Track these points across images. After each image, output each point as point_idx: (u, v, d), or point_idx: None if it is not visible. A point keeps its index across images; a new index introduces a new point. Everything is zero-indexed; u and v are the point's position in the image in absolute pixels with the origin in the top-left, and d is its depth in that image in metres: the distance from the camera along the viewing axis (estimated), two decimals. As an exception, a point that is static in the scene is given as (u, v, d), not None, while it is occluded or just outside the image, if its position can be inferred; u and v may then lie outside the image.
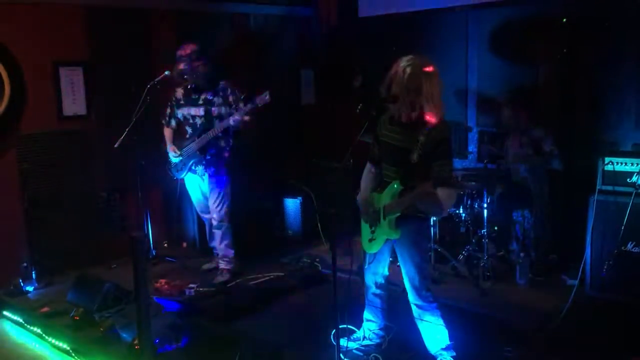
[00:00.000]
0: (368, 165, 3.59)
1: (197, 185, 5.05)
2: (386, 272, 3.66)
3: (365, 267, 3.67)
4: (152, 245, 5.53)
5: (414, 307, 3.48)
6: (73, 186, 5.30)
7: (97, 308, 4.06)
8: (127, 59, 5.49)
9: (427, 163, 3.19)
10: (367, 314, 3.79)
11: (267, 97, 4.56)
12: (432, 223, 4.94)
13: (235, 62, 6.09)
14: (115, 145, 4.90)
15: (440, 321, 3.45)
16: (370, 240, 3.50)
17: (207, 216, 5.15)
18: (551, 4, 5.19)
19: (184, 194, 5.35)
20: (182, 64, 4.74)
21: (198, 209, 5.24)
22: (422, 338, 3.53)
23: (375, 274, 3.64)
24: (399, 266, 3.52)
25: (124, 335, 3.72)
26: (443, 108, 3.25)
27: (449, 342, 3.47)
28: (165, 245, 5.90)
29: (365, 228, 3.54)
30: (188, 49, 4.76)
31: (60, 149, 5.22)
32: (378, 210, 3.40)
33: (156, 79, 4.94)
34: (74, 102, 5.27)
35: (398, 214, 3.30)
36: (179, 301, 4.41)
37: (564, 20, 4.91)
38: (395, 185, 3.31)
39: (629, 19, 4.83)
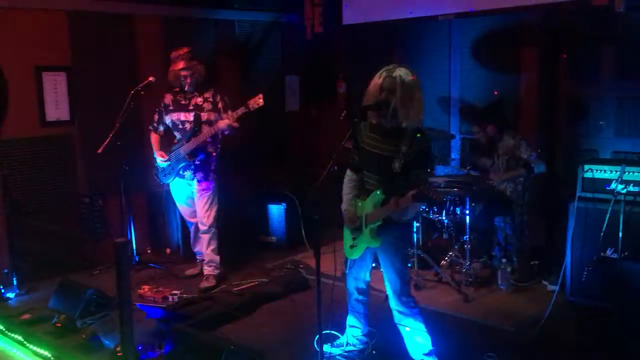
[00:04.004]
0: (348, 172, 3.61)
1: (183, 190, 5.04)
2: (368, 278, 3.69)
3: (347, 272, 3.69)
4: (135, 251, 5.50)
5: (395, 313, 3.51)
6: (55, 192, 5.26)
7: (79, 315, 4.03)
8: (111, 65, 5.47)
9: (408, 172, 3.23)
10: (350, 320, 3.81)
11: (261, 100, 4.59)
12: (414, 229, 4.98)
13: (220, 68, 6.10)
14: (99, 151, 4.88)
15: (422, 327, 3.48)
16: (352, 246, 3.53)
17: (193, 220, 5.14)
18: (533, 15, 5.27)
19: (168, 199, 5.34)
20: (181, 62, 4.75)
21: (184, 214, 5.22)
22: (405, 344, 3.55)
23: (357, 279, 3.66)
24: (382, 272, 3.54)
25: (107, 342, 3.70)
26: (422, 116, 3.29)
27: (431, 348, 3.49)
28: (149, 251, 5.88)
29: (347, 234, 3.57)
30: (184, 49, 4.79)
31: (43, 154, 5.19)
32: (360, 218, 3.42)
33: (140, 85, 4.94)
34: (56, 107, 5.24)
35: (379, 223, 3.34)
36: (162, 307, 4.39)
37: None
38: (378, 194, 3.34)
39: (607, 30, 4.92)
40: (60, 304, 4.19)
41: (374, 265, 3.67)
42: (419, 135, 3.25)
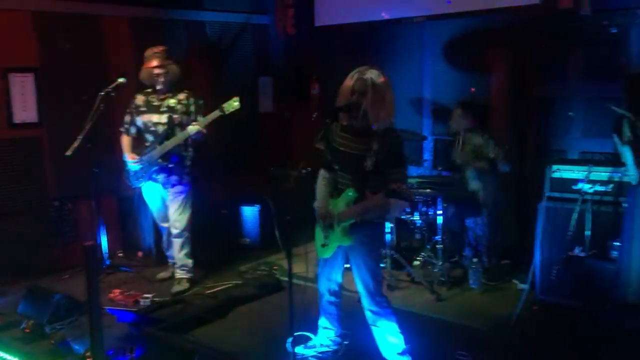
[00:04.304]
0: (322, 172, 3.63)
1: (156, 193, 4.97)
2: (339, 279, 3.69)
3: (318, 272, 3.69)
4: (106, 255, 5.42)
5: (368, 313, 3.51)
6: (24, 195, 5.17)
7: (48, 320, 3.95)
8: (81, 66, 5.39)
9: (380, 170, 3.25)
10: (322, 322, 3.81)
11: (237, 103, 4.52)
12: (387, 229, 5.00)
13: (191, 70, 6.06)
14: (68, 153, 4.79)
15: (395, 326, 3.49)
16: (323, 245, 3.53)
17: (165, 224, 5.09)
18: (502, 17, 5.34)
19: (140, 202, 5.27)
20: (155, 60, 4.66)
21: (156, 218, 5.15)
22: (377, 344, 3.57)
23: (329, 280, 3.67)
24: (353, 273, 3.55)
25: (76, 347, 3.64)
26: (394, 117, 3.32)
27: (404, 347, 3.51)
28: (120, 254, 5.80)
29: (318, 233, 3.58)
30: (159, 47, 4.71)
31: (10, 156, 5.09)
32: (332, 217, 3.43)
33: (110, 86, 4.86)
34: (24, 109, 5.15)
35: (352, 221, 3.35)
36: (133, 311, 4.34)
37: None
38: (350, 193, 3.35)
39: (574, 32, 5.02)
40: (29, 309, 4.11)
41: (347, 266, 3.68)
42: (389, 133, 3.28)
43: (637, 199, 3.70)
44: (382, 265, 4.49)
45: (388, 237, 5.04)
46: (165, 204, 4.96)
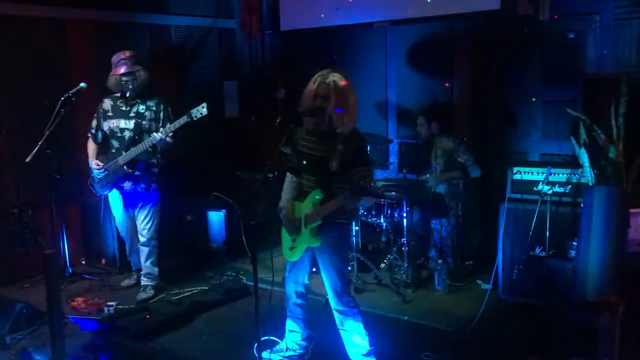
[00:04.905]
0: (289, 175, 3.65)
1: (122, 202, 4.85)
2: (306, 281, 3.71)
3: (285, 275, 3.70)
4: (68, 263, 5.33)
5: (335, 313, 3.54)
6: (-18, 203, 5.05)
7: (8, 330, 3.86)
8: (41, 71, 5.29)
9: (346, 171, 3.29)
10: (289, 325, 3.81)
11: (205, 109, 4.43)
12: (353, 232, 5.04)
13: (156, 74, 5.99)
14: (27, 160, 4.66)
15: (362, 327, 3.52)
16: (291, 248, 3.55)
17: (128, 236, 4.99)
18: (463, 22, 5.44)
19: (104, 209, 5.19)
20: (123, 67, 4.55)
21: (120, 228, 5.01)
22: (344, 346, 3.59)
23: (296, 282, 3.68)
24: (321, 276, 3.57)
25: (38, 357, 3.57)
26: (355, 118, 3.36)
27: (369, 348, 3.55)
28: (83, 262, 5.70)
29: (285, 236, 3.59)
30: (126, 53, 4.61)
31: (-32, 163, 4.97)
32: (299, 219, 3.44)
33: (71, 91, 4.76)
34: (-18, 115, 5.03)
35: (319, 222, 3.37)
36: (97, 320, 4.28)
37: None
38: (316, 195, 3.37)
39: (534, 37, 5.14)
40: (-12, 319, 4.01)
41: (314, 270, 3.70)
42: (353, 134, 3.33)
43: (593, 199, 3.80)
44: (349, 267, 4.52)
45: (354, 239, 5.08)
46: (132, 213, 4.87)
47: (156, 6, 6.16)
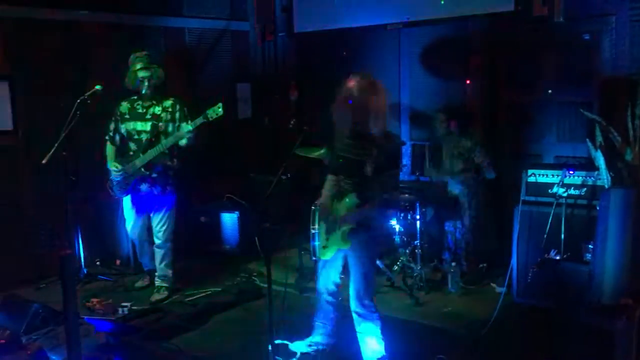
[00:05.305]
0: (329, 176, 3.71)
1: (138, 203, 4.85)
2: (338, 280, 3.74)
3: (318, 273, 3.74)
4: (83, 264, 5.37)
5: (354, 315, 3.56)
6: (-1, 204, 5.11)
7: (24, 330, 3.89)
8: (58, 73, 5.34)
9: (380, 175, 3.34)
10: (317, 318, 3.84)
11: (220, 110, 4.44)
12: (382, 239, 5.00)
13: (170, 76, 6.03)
14: (44, 161, 4.71)
15: (379, 332, 3.54)
16: (324, 247, 3.58)
17: (138, 238, 5.00)
18: (477, 24, 5.42)
19: (117, 210, 5.22)
20: (139, 64, 4.60)
21: (132, 229, 4.98)
22: (359, 349, 3.58)
23: (327, 280, 3.72)
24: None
25: (53, 357, 3.60)
26: (386, 121, 3.44)
27: (384, 354, 3.55)
28: (98, 263, 5.74)
29: (321, 234, 3.62)
30: (142, 51, 4.65)
31: (-15, 164, 5.03)
32: (335, 218, 3.49)
33: (86, 94, 4.80)
34: (-1, 117, 5.09)
35: (352, 226, 3.41)
36: (111, 320, 4.31)
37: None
38: (352, 199, 3.42)
39: (548, 39, 5.11)
40: (5, 319, 4.05)
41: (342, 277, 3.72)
42: (388, 137, 3.41)
43: (609, 202, 3.76)
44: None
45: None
46: (147, 215, 4.88)
47: (171, 9, 6.20)
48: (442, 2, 5.42)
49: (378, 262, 5.01)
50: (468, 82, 5.61)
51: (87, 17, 5.55)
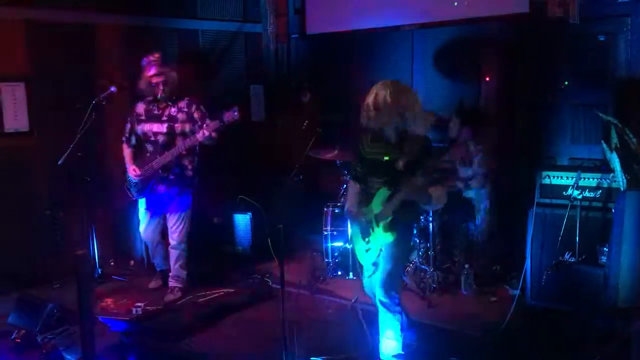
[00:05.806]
0: (352, 183, 3.74)
1: (154, 205, 4.86)
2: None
3: (367, 278, 3.73)
4: (97, 264, 5.40)
5: (378, 304, 3.56)
6: (15, 204, 5.16)
7: (39, 330, 3.94)
8: (73, 75, 5.39)
9: (412, 169, 3.36)
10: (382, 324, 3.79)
11: (236, 113, 4.44)
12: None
13: (183, 78, 6.06)
14: (59, 162, 4.78)
15: (398, 326, 3.55)
16: (367, 250, 3.60)
17: (151, 240, 5.02)
18: (491, 25, 5.40)
19: (132, 211, 5.25)
20: (152, 69, 4.61)
21: (145, 231, 4.99)
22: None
23: (372, 285, 3.69)
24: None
25: (68, 356, 3.63)
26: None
27: (401, 352, 3.56)
28: (112, 263, 5.78)
29: (358, 242, 3.64)
30: (155, 55, 4.66)
31: (1, 165, 5.07)
32: (370, 221, 3.50)
33: (101, 95, 4.85)
34: (15, 118, 5.15)
35: (390, 218, 3.43)
36: (125, 320, 4.33)
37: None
38: (384, 191, 3.45)
39: (563, 40, 5.08)
40: (20, 319, 4.10)
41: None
42: (418, 138, 3.45)
43: (625, 204, 3.73)
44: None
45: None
46: (159, 220, 4.90)
47: (184, 11, 6.24)
48: (455, 3, 5.40)
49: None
50: (487, 79, 5.59)
51: (102, 19, 5.59)
